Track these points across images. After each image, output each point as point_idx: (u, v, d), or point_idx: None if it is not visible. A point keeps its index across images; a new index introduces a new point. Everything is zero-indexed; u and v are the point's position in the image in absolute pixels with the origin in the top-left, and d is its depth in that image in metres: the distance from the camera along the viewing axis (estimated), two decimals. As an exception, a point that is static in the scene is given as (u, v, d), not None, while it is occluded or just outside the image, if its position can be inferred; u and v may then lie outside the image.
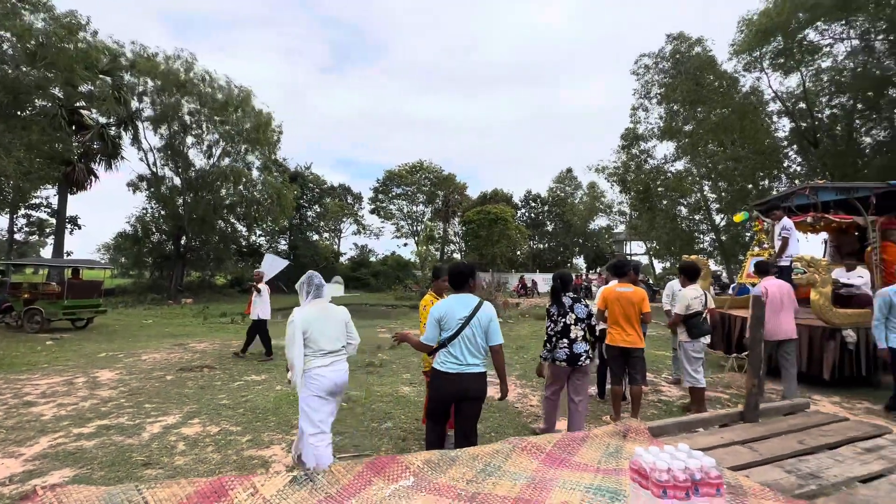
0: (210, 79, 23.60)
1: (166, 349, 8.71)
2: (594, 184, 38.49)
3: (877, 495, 1.61)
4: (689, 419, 2.44)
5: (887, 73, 16.71)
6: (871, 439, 2.22)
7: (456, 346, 2.84)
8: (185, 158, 24.46)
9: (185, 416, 4.66)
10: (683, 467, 1.31)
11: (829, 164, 18.20)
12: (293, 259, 36.20)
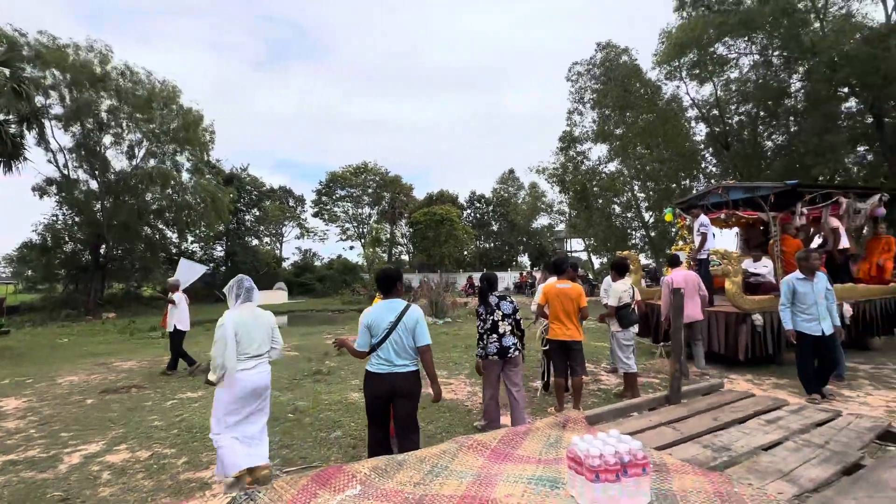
0: (130, 73, 21.70)
1: (86, 370, 7.91)
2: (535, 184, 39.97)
3: (775, 460, 1.84)
4: (621, 406, 2.64)
5: (783, 85, 18.91)
6: (772, 412, 2.52)
7: (385, 350, 3.02)
8: (102, 160, 22.26)
9: (110, 442, 4.27)
10: (614, 451, 1.41)
11: (739, 166, 20.24)
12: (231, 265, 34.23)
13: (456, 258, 36.48)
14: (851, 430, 2.19)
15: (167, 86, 22.67)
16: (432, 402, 3.42)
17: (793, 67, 18.29)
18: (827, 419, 2.38)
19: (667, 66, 20.94)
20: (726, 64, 20.13)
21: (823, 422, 2.34)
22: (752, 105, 20.35)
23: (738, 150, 20.77)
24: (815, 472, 1.75)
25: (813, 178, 17.19)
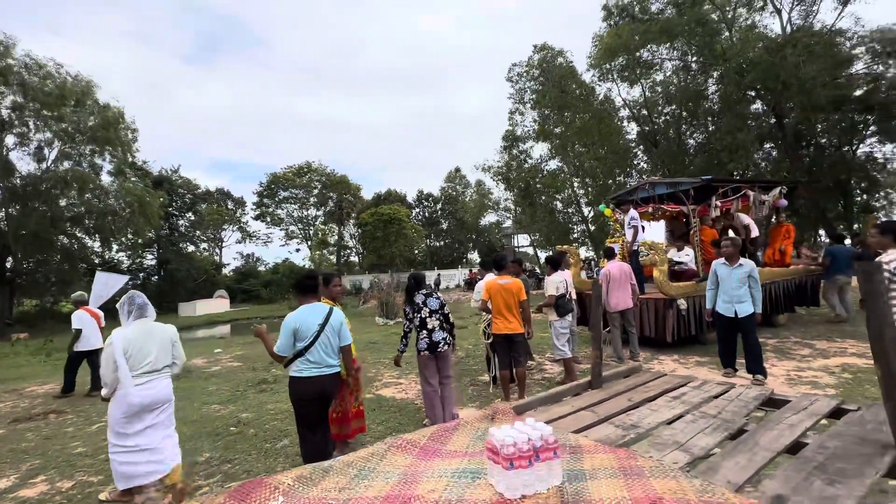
0: (38, 66, 19.54)
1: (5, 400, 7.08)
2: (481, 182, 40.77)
3: (674, 433, 2.04)
4: (547, 394, 2.76)
5: (700, 88, 20.65)
6: (679, 388, 2.76)
7: (314, 353, 3.12)
8: (4, 162, 19.90)
9: (24, 475, 3.88)
10: (526, 439, 1.49)
11: (667, 162, 21.86)
12: (164, 274, 31.90)
13: (407, 257, 36.38)
14: (740, 400, 2.45)
15: (80, 80, 20.68)
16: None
17: (708, 72, 20.03)
18: (722, 392, 2.63)
19: (599, 68, 22.12)
20: (652, 68, 21.66)
21: (719, 394, 2.60)
22: (676, 106, 22.05)
23: (665, 147, 22.40)
24: (706, 440, 1.94)
25: (728, 172, 18.95)
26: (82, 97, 20.44)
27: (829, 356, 6.10)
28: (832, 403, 2.32)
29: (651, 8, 19.50)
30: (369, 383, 6.27)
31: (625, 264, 6.62)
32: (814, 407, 2.30)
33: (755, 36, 17.31)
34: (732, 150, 18.25)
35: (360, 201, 41.75)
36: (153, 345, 3.24)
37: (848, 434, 1.92)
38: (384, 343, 9.86)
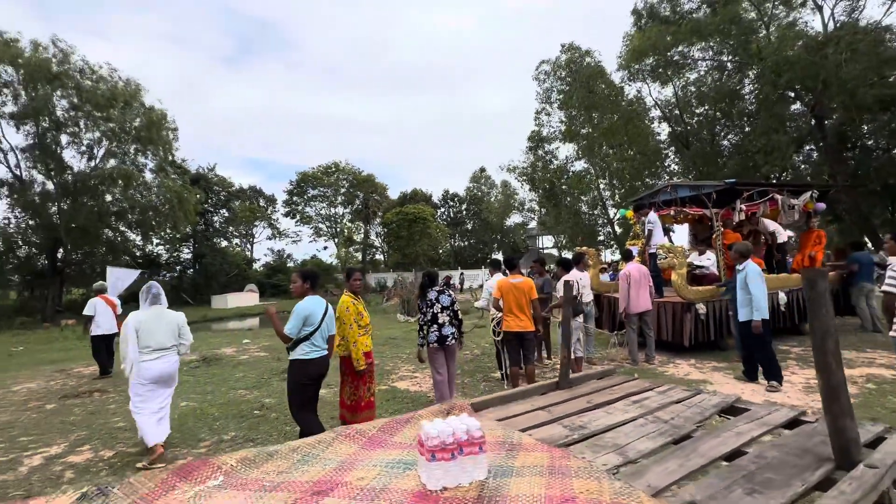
0: (91, 70, 20.87)
1: (44, 377, 7.73)
2: (507, 182, 40.60)
3: (617, 436, 2.04)
4: (510, 392, 2.77)
5: (735, 88, 19.98)
6: (643, 393, 2.74)
7: (317, 338, 3.59)
8: (58, 160, 21.32)
9: (72, 444, 4.30)
10: (451, 432, 1.52)
11: (699, 164, 21.24)
12: (199, 268, 33.36)
13: (430, 257, 36.69)
14: (699, 407, 2.42)
15: (130, 84, 21.94)
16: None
17: (744, 71, 19.35)
18: (686, 397, 2.60)
19: (629, 69, 21.73)
20: (684, 67, 21.09)
21: (681, 400, 2.56)
22: (709, 106, 21.38)
23: (697, 149, 21.77)
24: (646, 444, 1.93)
25: (764, 175, 18.25)
26: (130, 99, 21.66)
27: (854, 366, 5.91)
28: (790, 414, 2.29)
29: (682, 8, 18.99)
30: (387, 376, 6.50)
31: (643, 266, 6.61)
32: (771, 416, 2.26)
33: (794, 34, 16.62)
34: (768, 152, 17.57)
35: (386, 200, 42.36)
36: (161, 327, 3.93)
37: (792, 445, 1.89)
38: (403, 339, 10.10)
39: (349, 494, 1.49)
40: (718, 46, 19.31)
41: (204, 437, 4.33)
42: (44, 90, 19.60)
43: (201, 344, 10.90)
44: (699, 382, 5.34)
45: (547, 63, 23.59)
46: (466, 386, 5.73)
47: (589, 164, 24.91)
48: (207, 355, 8.87)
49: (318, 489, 1.53)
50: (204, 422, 4.80)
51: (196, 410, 5.19)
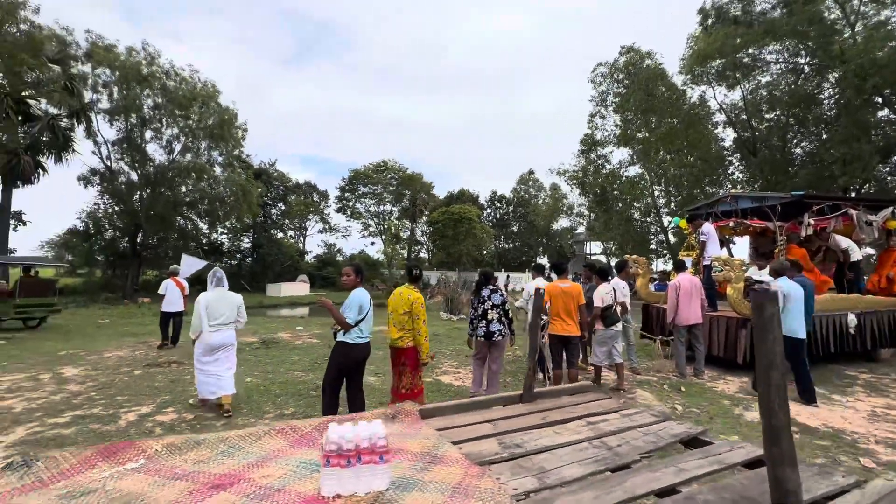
0: (174, 73, 22.94)
1: (129, 347, 8.71)
2: (556, 185, 39.88)
3: (547, 458, 1.89)
4: (467, 402, 2.67)
5: (813, 92, 18.56)
6: (606, 414, 2.53)
7: (366, 325, 3.97)
8: (143, 153, 23.60)
9: (159, 406, 4.91)
10: (353, 438, 1.48)
11: (767, 172, 19.94)
12: (257, 257, 35.53)
13: (474, 257, 36.83)
14: (657, 435, 2.23)
15: (208, 85, 23.84)
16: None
17: (823, 75, 17.94)
18: (650, 423, 2.40)
19: (692, 72, 20.77)
20: (755, 70, 19.85)
21: (644, 425, 2.36)
22: (781, 111, 20.01)
23: (765, 156, 20.45)
24: (574, 470, 1.78)
25: (841, 187, 16.87)
26: (208, 99, 23.59)
27: (931, 399, 5.46)
28: (754, 453, 2.03)
29: (755, 8, 17.86)
30: (431, 370, 6.78)
31: (695, 278, 6.44)
32: (731, 454, 2.01)
33: (883, 34, 15.20)
34: (847, 162, 16.23)
35: (433, 199, 42.95)
36: (225, 305, 4.75)
37: (734, 490, 1.70)
38: (446, 336, 10.37)
39: (244, 491, 1.48)
40: (795, 48, 18.03)
41: (268, 410, 4.80)
42: (134, 90, 21.78)
43: (260, 328, 11.73)
44: (747, 401, 5.17)
45: (604, 65, 23.06)
46: (508, 385, 5.88)
47: (644, 170, 24.05)
48: (266, 338, 9.58)
49: (219, 482, 1.52)
50: (267, 397, 5.29)
51: (260, 386, 5.71)
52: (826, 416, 4.70)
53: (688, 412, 4.69)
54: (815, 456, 3.66)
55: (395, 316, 4.25)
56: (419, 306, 4.20)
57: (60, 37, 20.32)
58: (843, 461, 3.58)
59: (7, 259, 16.61)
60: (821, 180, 17.95)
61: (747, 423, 4.43)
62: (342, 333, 3.93)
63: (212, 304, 4.66)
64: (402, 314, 4.21)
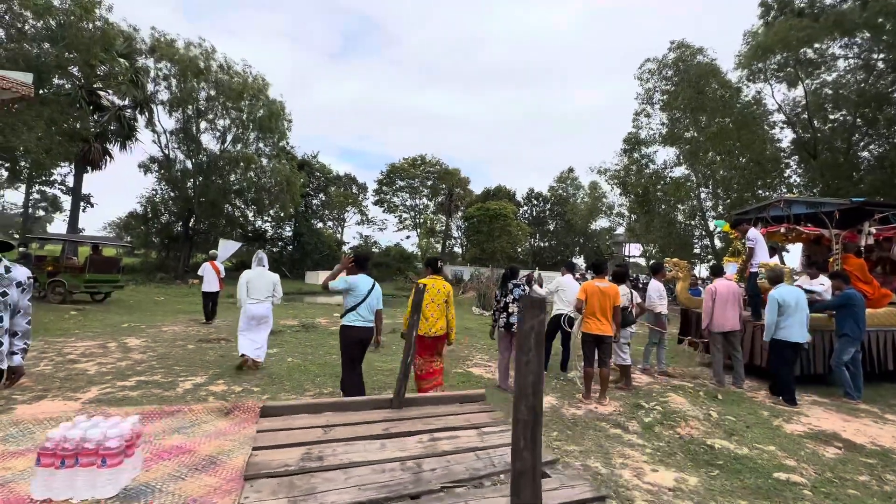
0: (227, 67, 24.09)
1: (183, 323, 9.38)
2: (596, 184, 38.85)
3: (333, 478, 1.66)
4: (322, 402, 2.51)
5: (885, 91, 17.15)
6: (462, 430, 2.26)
7: (363, 309, 4.23)
8: (197, 142, 25.01)
9: (211, 377, 5.32)
10: (75, 437, 1.35)
11: (828, 176, 18.67)
12: (297, 245, 36.93)
13: (508, 254, 36.62)
14: (489, 460, 1.92)
15: (259, 79, 24.87)
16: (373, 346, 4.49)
17: (901, 71, 16.52)
18: (498, 445, 2.09)
19: (749, 68, 19.64)
20: (820, 66, 18.54)
21: (492, 448, 2.06)
22: (848, 111, 18.63)
23: (827, 159, 19.13)
24: (341, 497, 1.53)
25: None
26: (258, 93, 24.65)
27: None
28: (581, 495, 1.66)
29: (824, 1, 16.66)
30: (462, 362, 6.92)
31: (734, 284, 6.24)
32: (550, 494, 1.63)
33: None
34: (921, 169, 14.96)
35: (469, 195, 42.97)
36: (263, 282, 5.69)
37: None
38: (478, 330, 10.49)
39: None
40: (867, 43, 16.70)
41: (308, 389, 5.10)
42: (191, 83, 23.08)
43: (300, 312, 12.29)
44: (792, 414, 4.98)
45: (652, 61, 22.19)
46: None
47: (690, 171, 23.05)
48: (306, 322, 10.04)
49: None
50: (307, 376, 5.60)
51: (300, 366, 6.05)
52: (875, 433, 4.46)
53: (722, 419, 4.59)
54: (858, 473, 3.52)
55: (434, 305, 4.46)
56: (452, 295, 4.61)
57: (127, 33, 21.81)
58: (890, 480, 3.42)
59: (78, 237, 18.15)
60: (890, 187, 16.61)
61: (786, 435, 4.29)
62: (342, 317, 4.31)
63: (252, 281, 5.62)
64: (444, 302, 4.50)
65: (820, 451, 3.95)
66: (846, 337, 5.57)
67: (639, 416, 4.59)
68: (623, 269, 6.19)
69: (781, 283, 5.67)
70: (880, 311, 6.42)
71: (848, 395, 5.59)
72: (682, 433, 4.18)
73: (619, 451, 3.73)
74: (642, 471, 3.38)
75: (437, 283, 4.53)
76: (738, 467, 3.50)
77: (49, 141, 16.29)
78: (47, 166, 18.98)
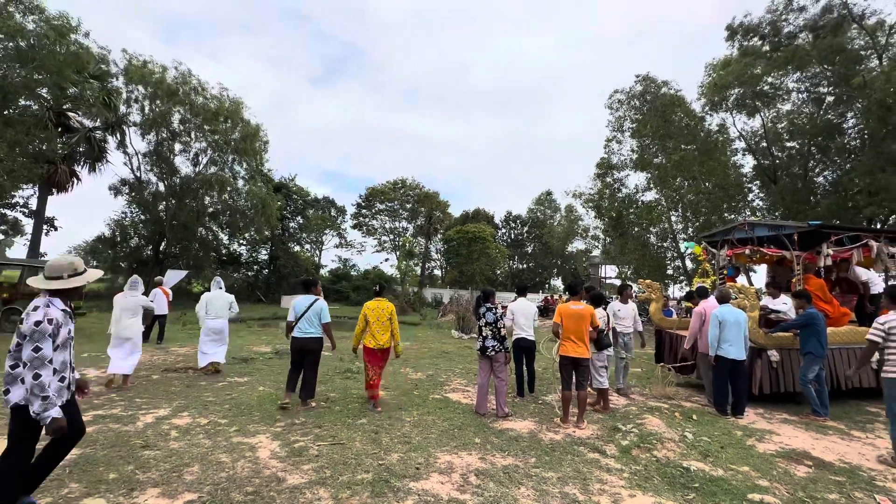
0: (202, 88, 23.92)
1: (148, 352, 8.93)
2: (572, 207, 39.81)
3: None
4: None
5: (835, 122, 18.38)
6: None
7: (302, 323, 5.31)
8: (170, 165, 24.51)
9: (175, 409, 5.05)
10: None
11: (787, 200, 19.63)
12: (274, 269, 36.17)
13: (488, 276, 36.77)
14: None
15: (234, 101, 24.75)
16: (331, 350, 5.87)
17: (848, 104, 17.77)
18: None
19: (710, 101, 20.81)
20: (776, 99, 19.79)
21: None
22: (803, 140, 19.82)
23: (786, 184, 20.18)
24: None
25: (867, 217, 16.50)
26: (233, 115, 24.46)
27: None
28: None
29: (782, 30, 17.88)
30: (440, 387, 6.80)
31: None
32: None
33: (909, 65, 15.09)
34: (873, 193, 15.92)
35: (448, 217, 43.28)
36: (220, 302, 7.03)
37: None
38: (456, 354, 10.37)
39: None
40: (816, 77, 17.98)
41: (280, 419, 4.89)
42: (164, 105, 22.77)
43: (274, 339, 11.91)
44: (764, 433, 5.06)
45: (620, 92, 23.24)
46: (517, 405, 5.87)
47: (661, 195, 23.91)
48: (279, 349, 9.73)
49: None
50: (275, 405, 5.38)
51: (272, 395, 5.82)
52: (843, 450, 4.57)
53: (698, 441, 4.62)
54: (828, 491, 3.57)
55: (379, 324, 5.33)
56: (395, 313, 5.47)
57: (98, 55, 21.42)
58: (859, 498, 3.49)
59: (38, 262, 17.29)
60: (844, 210, 17.58)
61: (759, 455, 4.34)
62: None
63: (211, 301, 6.99)
64: (388, 320, 5.35)
65: (791, 469, 4.00)
66: (810, 355, 5.75)
67: (616, 440, 4.58)
68: (597, 292, 6.26)
69: (727, 303, 5.99)
70: (841, 329, 6.68)
71: (815, 412, 5.73)
72: (659, 456, 4.18)
73: (597, 476, 3.69)
74: (620, 496, 3.34)
75: (380, 303, 5.44)
76: (713, 489, 3.50)
77: (11, 163, 15.70)
78: (7, 189, 18.19)
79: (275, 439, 4.22)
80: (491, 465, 3.80)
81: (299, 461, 3.72)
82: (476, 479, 3.52)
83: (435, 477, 3.53)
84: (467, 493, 3.28)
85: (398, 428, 4.67)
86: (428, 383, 7.04)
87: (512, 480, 3.52)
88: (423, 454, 3.98)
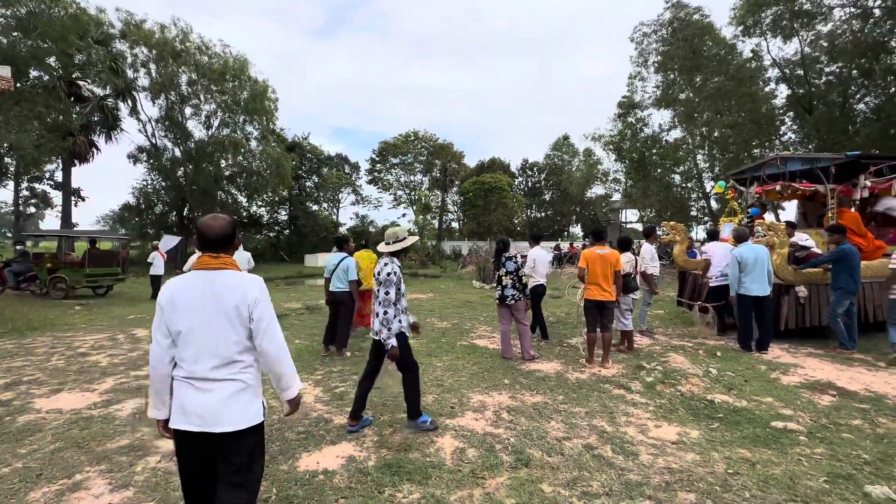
0: (206, 47, 23.29)
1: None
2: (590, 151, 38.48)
3: None
4: None
5: (881, 40, 16.82)
6: None
7: (333, 279, 5.76)
8: (183, 129, 24.44)
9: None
10: None
11: (823, 131, 18.53)
12: (294, 229, 36.81)
13: (505, 226, 36.64)
14: None
15: (239, 59, 24.10)
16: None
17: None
18: None
19: (744, 23, 19.18)
20: (816, 17, 18.12)
21: None
22: (844, 63, 18.32)
23: (822, 113, 18.94)
24: None
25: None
26: (239, 73, 23.89)
27: None
28: None
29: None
30: (466, 334, 7.05)
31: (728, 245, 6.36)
32: None
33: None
34: (919, 118, 14.86)
35: (464, 168, 42.58)
36: (239, 257, 6.45)
37: None
38: (479, 303, 10.63)
39: None
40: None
41: (318, 368, 5.21)
42: (170, 67, 22.32)
43: (302, 295, 12.38)
44: (788, 366, 5.14)
45: (646, 24, 21.62)
46: (542, 349, 6.08)
47: (686, 133, 22.83)
48: (310, 305, 10.14)
49: None
50: (315, 357, 5.72)
51: (309, 347, 6.17)
52: (869, 380, 4.63)
53: (721, 375, 4.74)
54: (852, 418, 3.68)
55: (369, 270, 6.11)
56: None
57: (96, 18, 20.87)
58: (882, 423, 3.58)
59: (73, 232, 18.03)
60: (886, 139, 16.54)
61: (783, 387, 4.44)
62: None
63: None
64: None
65: (815, 399, 4.11)
66: (841, 290, 5.69)
67: (641, 377, 4.74)
68: (625, 236, 6.30)
69: (746, 241, 5.92)
70: (874, 262, 6.53)
71: (843, 345, 5.75)
72: (683, 390, 4.33)
73: (623, 409, 3.87)
74: (646, 427, 3.52)
75: (364, 254, 6.64)
76: (737, 419, 3.65)
77: (40, 136, 16.00)
78: (38, 162, 18.65)
79: (317, 386, 4.53)
80: (521, 403, 4.03)
81: (342, 404, 4.01)
82: (508, 415, 3.75)
83: (469, 415, 3.77)
84: (500, 427, 3.51)
85: (430, 372, 4.93)
86: (454, 331, 7.30)
87: (542, 415, 3.74)
88: (456, 395, 4.23)
